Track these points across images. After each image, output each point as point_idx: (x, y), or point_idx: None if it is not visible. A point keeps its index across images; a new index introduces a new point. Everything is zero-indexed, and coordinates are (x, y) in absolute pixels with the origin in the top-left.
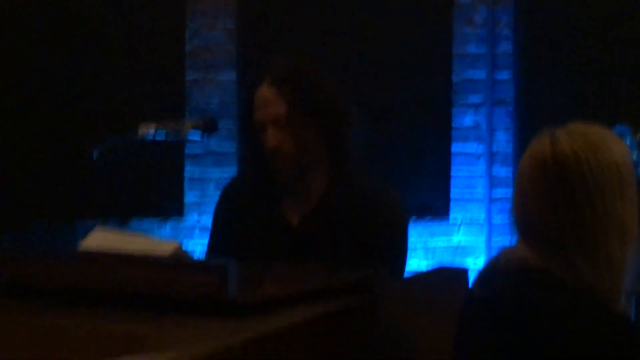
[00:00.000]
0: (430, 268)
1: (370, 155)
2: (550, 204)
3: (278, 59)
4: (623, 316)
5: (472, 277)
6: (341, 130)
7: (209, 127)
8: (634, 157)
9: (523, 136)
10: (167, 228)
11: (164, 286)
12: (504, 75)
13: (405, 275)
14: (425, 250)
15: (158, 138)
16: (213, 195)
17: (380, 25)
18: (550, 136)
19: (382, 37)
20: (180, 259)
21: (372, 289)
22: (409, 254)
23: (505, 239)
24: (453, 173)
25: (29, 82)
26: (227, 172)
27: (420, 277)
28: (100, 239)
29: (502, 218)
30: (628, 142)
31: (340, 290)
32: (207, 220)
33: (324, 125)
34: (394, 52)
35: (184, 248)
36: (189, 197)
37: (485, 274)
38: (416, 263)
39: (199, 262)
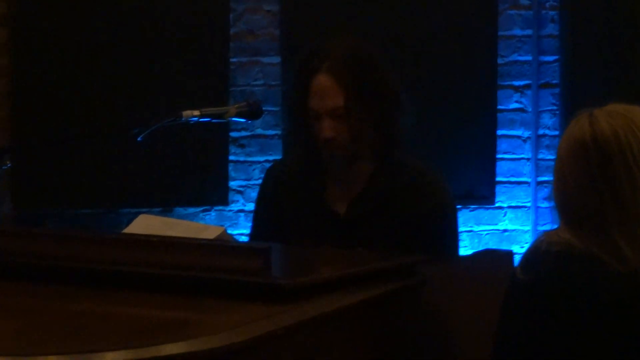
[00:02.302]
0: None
1: (416, 140)
2: (590, 185)
3: (333, 45)
4: None
5: (517, 261)
6: (393, 117)
7: (253, 111)
8: None
9: (569, 119)
10: (212, 214)
11: (209, 270)
12: (550, 57)
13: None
14: (471, 235)
15: (202, 122)
16: (258, 181)
17: (425, 7)
18: (588, 117)
19: (427, 19)
20: (225, 242)
21: (418, 272)
22: (459, 240)
23: (552, 223)
24: (498, 157)
25: (72, 67)
26: (272, 157)
27: (465, 259)
28: (145, 225)
29: (548, 203)
30: None
31: (386, 273)
32: (252, 206)
33: (378, 113)
34: (439, 35)
35: (229, 233)
36: (234, 182)
37: (527, 258)
38: (463, 249)
39: (244, 245)
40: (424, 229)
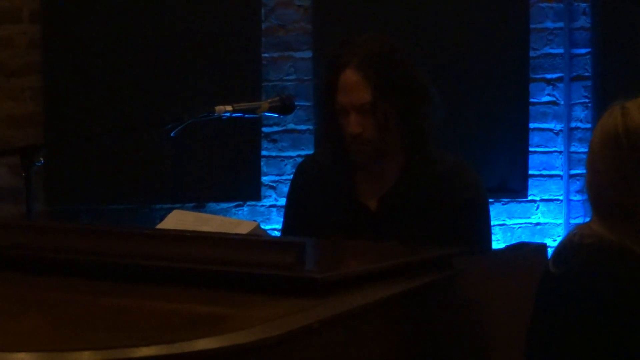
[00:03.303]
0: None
1: (448, 134)
2: (623, 177)
3: (361, 41)
4: None
5: (550, 254)
6: (422, 112)
7: (285, 106)
8: None
9: (602, 112)
10: (245, 209)
11: (242, 265)
12: (582, 50)
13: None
14: (503, 229)
15: (234, 118)
16: (290, 176)
17: (456, 1)
18: (621, 109)
19: (459, 13)
20: (257, 237)
21: (452, 265)
22: (491, 233)
23: (584, 216)
24: (531, 150)
25: (104, 63)
26: (305, 152)
27: (499, 252)
28: (178, 220)
29: (581, 195)
30: None
31: (420, 267)
32: (284, 201)
33: (406, 108)
34: (471, 28)
35: (262, 228)
36: (267, 177)
37: (560, 251)
38: (496, 243)
39: (277, 240)
40: (456, 223)
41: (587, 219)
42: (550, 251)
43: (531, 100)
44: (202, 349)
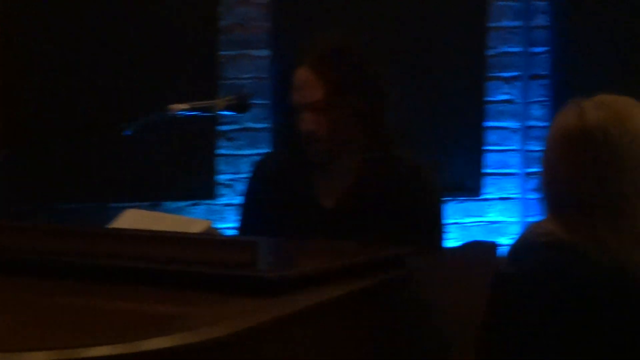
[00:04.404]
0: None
1: (405, 132)
2: (577, 176)
3: (316, 39)
4: None
5: (504, 253)
6: (379, 111)
7: (241, 105)
8: None
9: (559, 111)
10: (200, 208)
11: (196, 264)
12: (540, 48)
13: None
14: (459, 228)
15: (190, 116)
16: (247, 174)
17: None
18: (577, 108)
19: (417, 11)
20: (210, 236)
21: (405, 264)
22: (446, 231)
23: (540, 215)
24: (487, 149)
25: (60, 62)
26: (262, 150)
27: (451, 251)
28: (132, 219)
29: (537, 194)
30: None
31: (373, 266)
32: (241, 199)
33: (362, 107)
34: (427, 26)
35: (215, 227)
36: (223, 176)
37: (514, 250)
38: (451, 241)
39: (230, 239)
40: (411, 222)
41: (543, 217)
42: (503, 250)
43: (488, 98)
44: (154, 348)
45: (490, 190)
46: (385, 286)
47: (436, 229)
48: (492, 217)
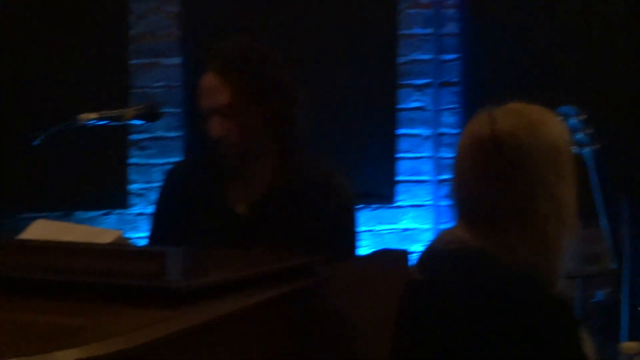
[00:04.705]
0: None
1: (317, 139)
2: (487, 183)
3: (223, 45)
4: (559, 299)
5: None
6: (288, 117)
7: (151, 114)
8: (579, 137)
9: (470, 118)
10: (112, 218)
11: (103, 275)
12: (451, 55)
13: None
14: (372, 235)
15: (100, 125)
16: (159, 183)
17: (325, 6)
18: (488, 116)
19: (327, 18)
20: (119, 246)
21: (315, 273)
22: (358, 239)
23: (452, 221)
24: (399, 156)
25: None
26: (174, 159)
27: (361, 259)
28: (41, 230)
29: (449, 201)
30: (573, 123)
31: (283, 275)
32: (153, 208)
33: (271, 112)
34: (338, 34)
35: (126, 237)
36: (135, 185)
37: (424, 257)
38: (364, 249)
39: (138, 249)
40: (323, 229)
41: (454, 224)
42: (414, 257)
43: (400, 106)
44: None
45: (403, 197)
46: (294, 295)
47: (348, 236)
48: (405, 224)
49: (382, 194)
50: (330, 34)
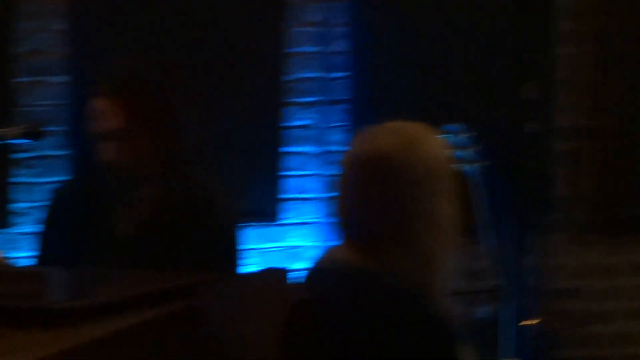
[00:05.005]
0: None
1: (202, 158)
2: (368, 202)
3: (113, 68)
4: (438, 315)
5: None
6: (175, 138)
7: (35, 132)
8: (466, 155)
9: (352, 137)
10: None
11: None
12: (339, 74)
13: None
14: (258, 253)
15: None
16: (44, 202)
17: (212, 24)
18: (368, 135)
19: (215, 36)
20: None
21: (196, 293)
22: (242, 258)
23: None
24: (284, 174)
25: None
26: (59, 178)
27: (243, 278)
28: None
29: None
30: (460, 140)
31: (165, 295)
32: (38, 228)
33: (159, 134)
34: (226, 52)
35: (6, 257)
36: (20, 204)
37: (310, 276)
38: (250, 267)
39: (20, 269)
40: (206, 248)
41: (338, 243)
42: (300, 275)
43: (287, 124)
44: None
45: (290, 215)
46: (176, 315)
47: (231, 255)
48: (291, 242)
49: (267, 211)
50: (217, 51)
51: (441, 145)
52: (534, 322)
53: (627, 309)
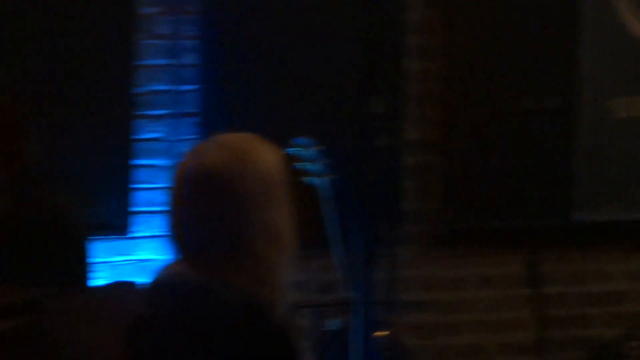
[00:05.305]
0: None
1: (49, 171)
2: (200, 216)
3: None
4: (278, 327)
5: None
6: (21, 151)
7: None
8: (315, 167)
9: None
10: None
11: None
12: (189, 86)
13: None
14: (108, 267)
15: None
16: None
17: (61, 36)
18: (198, 149)
19: (64, 49)
20: None
21: (42, 307)
22: (92, 271)
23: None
24: (135, 187)
25: None
26: None
27: (89, 292)
28: None
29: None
30: (309, 153)
31: (9, 309)
32: None
33: (5, 149)
34: (74, 64)
35: None
36: None
37: (149, 291)
38: (100, 280)
39: None
40: (56, 262)
41: (176, 257)
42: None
43: (137, 136)
44: None
45: (140, 228)
46: (20, 330)
47: (81, 269)
48: (142, 255)
49: (117, 224)
50: (66, 63)
51: (275, 156)
52: (384, 333)
53: (475, 321)
